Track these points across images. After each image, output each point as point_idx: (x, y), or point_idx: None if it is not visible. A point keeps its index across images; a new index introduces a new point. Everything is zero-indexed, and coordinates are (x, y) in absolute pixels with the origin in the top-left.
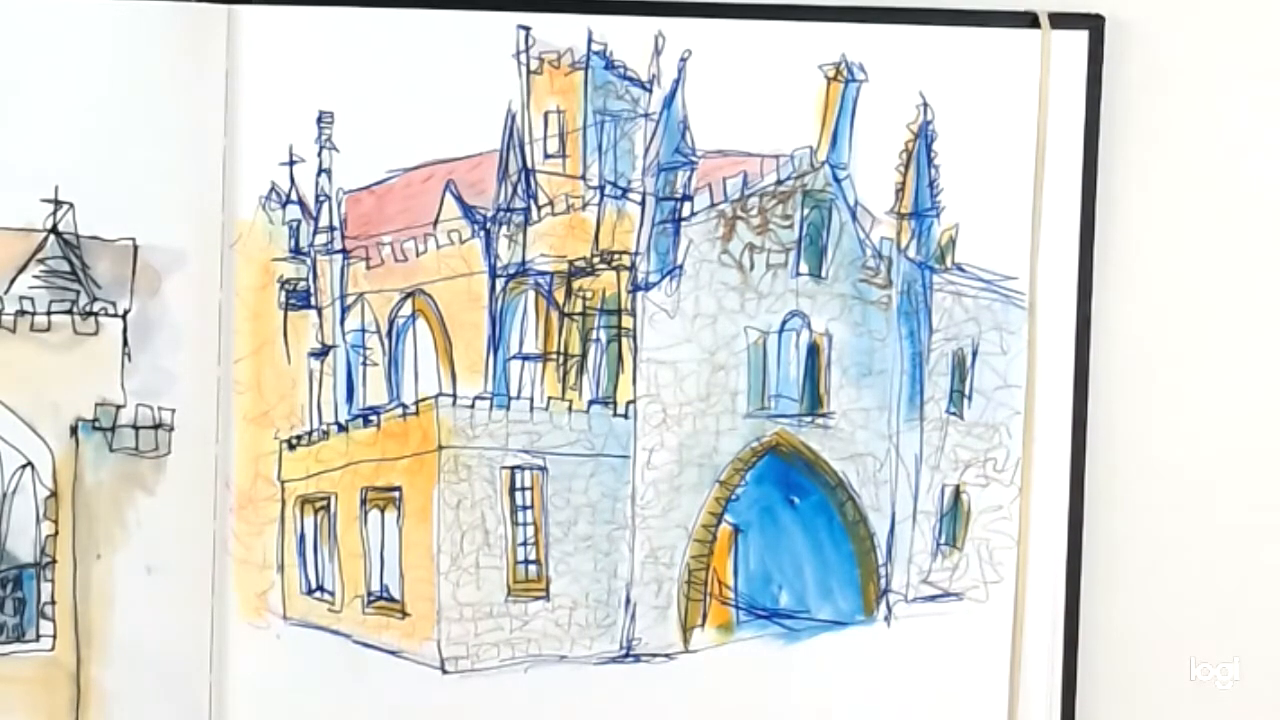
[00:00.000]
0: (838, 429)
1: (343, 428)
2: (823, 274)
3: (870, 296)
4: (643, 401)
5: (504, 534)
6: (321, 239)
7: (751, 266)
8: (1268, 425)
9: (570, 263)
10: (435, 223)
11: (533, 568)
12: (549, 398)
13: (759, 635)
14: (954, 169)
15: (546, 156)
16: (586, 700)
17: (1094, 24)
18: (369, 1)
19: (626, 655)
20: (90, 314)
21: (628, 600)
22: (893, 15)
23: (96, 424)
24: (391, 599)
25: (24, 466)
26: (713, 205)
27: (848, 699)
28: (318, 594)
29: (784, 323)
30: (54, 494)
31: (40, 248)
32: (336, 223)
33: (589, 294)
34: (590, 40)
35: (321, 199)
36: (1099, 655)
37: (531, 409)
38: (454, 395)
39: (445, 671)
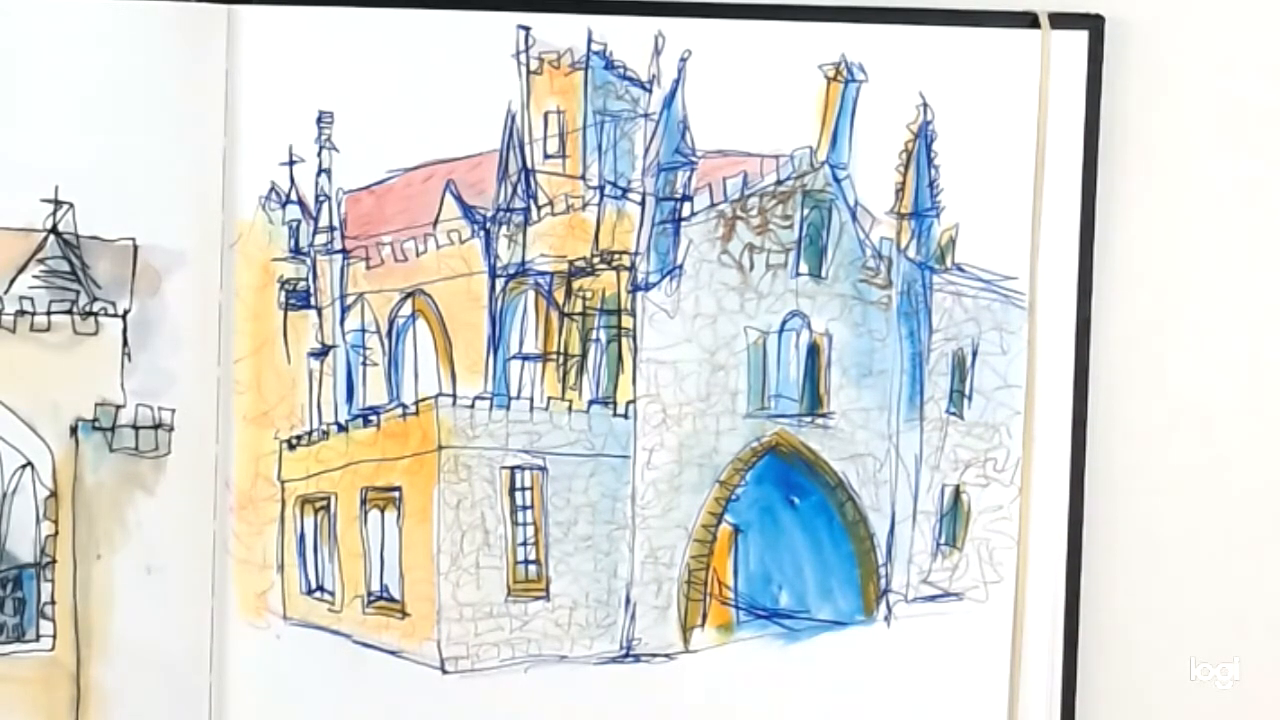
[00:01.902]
0: (838, 429)
1: (343, 428)
2: (823, 274)
3: (870, 296)
4: (643, 401)
5: (504, 534)
6: (321, 239)
7: (751, 266)
8: (1268, 425)
9: (570, 263)
10: (435, 223)
11: (533, 568)
12: (549, 398)
13: (759, 635)
14: (954, 169)
15: (546, 156)
16: (586, 700)
17: (1094, 24)
18: (369, 1)
19: (626, 655)
20: (90, 314)
21: (628, 600)
22: (893, 15)
23: (96, 424)
24: (391, 599)
25: (24, 466)
26: (713, 205)
27: (848, 699)
28: (318, 594)
29: (784, 323)
30: (54, 494)
31: (40, 248)
32: (336, 223)
33: (589, 294)
34: (590, 40)
35: (321, 199)
36: (1099, 655)
37: (531, 409)
38: (454, 395)
39: (445, 671)
